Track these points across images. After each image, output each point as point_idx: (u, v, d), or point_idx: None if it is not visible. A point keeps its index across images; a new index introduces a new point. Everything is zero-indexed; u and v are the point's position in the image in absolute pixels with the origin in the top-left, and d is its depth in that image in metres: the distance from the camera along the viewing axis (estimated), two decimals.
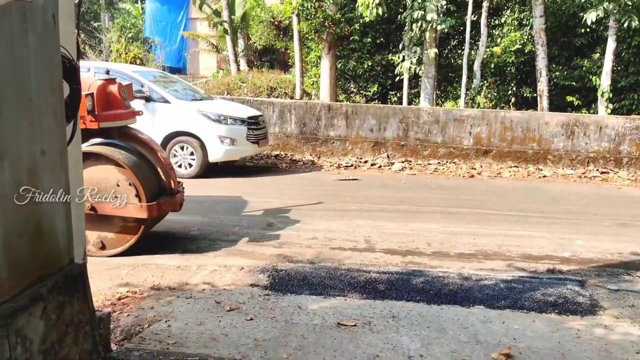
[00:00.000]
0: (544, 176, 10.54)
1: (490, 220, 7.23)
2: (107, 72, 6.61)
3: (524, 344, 4.04)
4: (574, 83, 14.54)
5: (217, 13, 8.78)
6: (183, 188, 6.21)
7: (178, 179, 6.24)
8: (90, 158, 5.53)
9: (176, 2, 25.49)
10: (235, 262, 5.49)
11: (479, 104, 13.47)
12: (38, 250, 2.87)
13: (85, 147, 5.76)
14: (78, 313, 3.19)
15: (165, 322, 4.15)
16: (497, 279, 5.29)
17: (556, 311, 4.69)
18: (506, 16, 15.15)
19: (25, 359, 2.74)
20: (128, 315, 4.48)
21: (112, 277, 5.28)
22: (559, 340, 4.12)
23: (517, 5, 14.83)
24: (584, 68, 14.33)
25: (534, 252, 6.06)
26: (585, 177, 10.47)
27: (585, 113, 13.70)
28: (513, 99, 16.56)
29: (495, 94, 17.07)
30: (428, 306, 4.67)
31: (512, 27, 14.81)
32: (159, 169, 5.94)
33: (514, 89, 16.16)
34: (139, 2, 28.97)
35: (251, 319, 4.19)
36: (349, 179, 9.90)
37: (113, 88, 5.82)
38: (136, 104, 8.13)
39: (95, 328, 3.38)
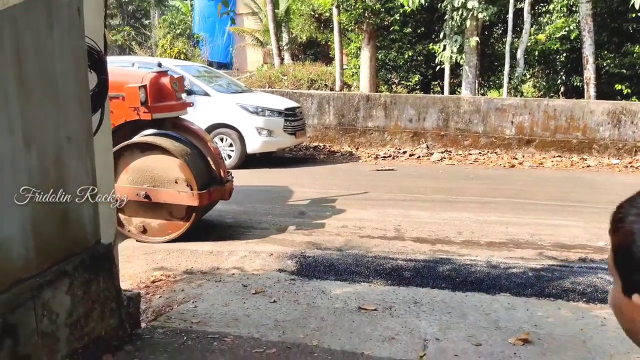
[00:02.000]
0: (588, 166, 10.27)
1: (525, 210, 7.12)
2: (159, 65, 6.86)
3: (545, 331, 4.01)
4: (625, 70, 14.03)
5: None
6: (232, 177, 6.37)
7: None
8: (145, 148, 5.77)
9: None
10: (266, 249, 5.63)
11: (522, 92, 13.19)
12: (64, 232, 3.06)
13: (139, 137, 6.03)
14: (104, 290, 3.39)
15: (193, 303, 4.33)
16: (526, 267, 5.24)
17: (584, 299, 4.62)
18: (555, 2, 14.74)
19: (51, 330, 2.94)
20: (160, 297, 4.69)
21: (149, 261, 5.50)
22: (581, 328, 4.08)
23: None
24: (634, 55, 13.81)
25: (567, 241, 5.95)
26: (631, 166, 10.14)
27: (636, 101, 13.21)
28: (562, 88, 16.12)
29: (545, 83, 16.66)
30: (452, 293, 4.68)
31: (561, 14, 14.39)
32: (209, 159, 6.12)
33: (563, 77, 15.72)
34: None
35: (274, 301, 4.32)
36: (385, 169, 9.91)
37: (165, 80, 6.00)
38: None
39: (122, 305, 3.57)
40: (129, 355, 3.29)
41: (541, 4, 15.32)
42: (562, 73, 15.87)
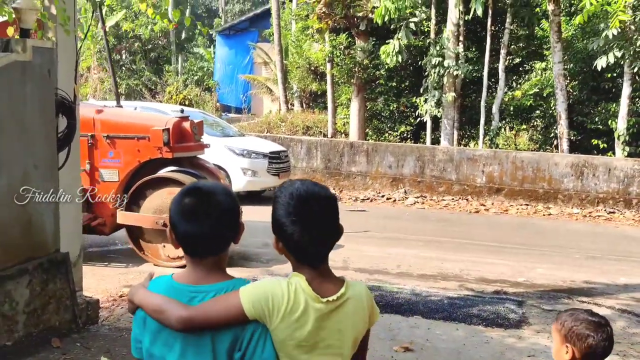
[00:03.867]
0: (550, 214, 10.96)
1: (466, 249, 7.86)
2: (182, 111, 7.96)
3: (432, 344, 4.75)
4: (600, 126, 14.80)
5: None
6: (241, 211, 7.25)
7: None
8: (165, 182, 6.62)
9: (242, 47, 27.54)
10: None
11: (497, 145, 14.02)
12: (27, 238, 3.95)
13: (162, 173, 6.91)
14: (60, 289, 4.24)
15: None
16: (443, 296, 5.97)
17: (484, 324, 5.33)
18: (529, 64, 15.75)
19: (11, 314, 3.79)
20: (122, 307, 5.51)
21: (121, 280, 6.34)
22: (464, 343, 4.80)
23: (536, 57, 15.42)
24: (610, 111, 14.60)
25: (491, 277, 6.67)
26: (590, 216, 10.81)
27: (611, 156, 13.94)
28: (555, 142, 16.87)
29: (540, 137, 17.48)
30: None
31: (538, 72, 15.34)
32: None
33: (555, 132, 16.48)
34: (211, 47, 31.30)
35: None
36: (357, 210, 10.72)
37: (186, 125, 6.92)
38: None
39: (76, 304, 4.41)
40: (74, 340, 4.11)
41: (523, 64, 16.27)
42: (554, 127, 16.67)
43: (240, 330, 1.59)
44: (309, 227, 1.64)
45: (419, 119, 15.73)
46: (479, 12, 12.20)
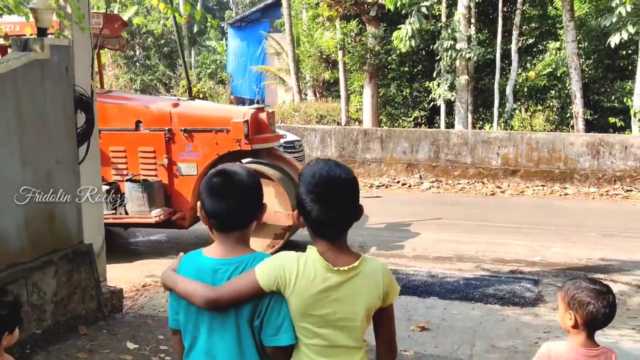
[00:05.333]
0: (566, 194, 10.93)
1: (482, 231, 7.89)
2: (258, 102, 7.96)
3: (448, 323, 4.83)
4: (616, 104, 14.67)
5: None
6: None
7: None
8: None
9: (255, 38, 27.58)
10: None
11: (512, 126, 13.97)
12: (52, 231, 4.09)
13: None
14: (85, 279, 4.39)
15: (166, 300, 5.29)
16: (459, 277, 6.04)
17: (500, 303, 5.40)
18: (543, 44, 15.60)
19: (39, 304, 3.94)
20: (145, 297, 5.68)
21: (143, 270, 6.51)
22: (480, 322, 4.87)
23: (549, 36, 15.27)
24: (626, 89, 14.46)
25: (507, 257, 6.72)
26: (607, 195, 10.75)
27: (628, 134, 13.81)
28: (572, 122, 16.74)
29: (557, 117, 17.36)
30: None
31: (552, 52, 15.21)
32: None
33: (571, 112, 16.36)
34: (224, 39, 31.40)
35: None
36: (372, 197, 10.79)
37: (263, 116, 6.88)
38: None
39: (100, 293, 4.57)
40: (100, 327, 4.27)
41: (537, 44, 16.13)
42: (570, 107, 16.54)
43: (259, 300, 1.74)
44: (327, 206, 1.73)
45: (432, 104, 15.71)
46: None
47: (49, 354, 3.77)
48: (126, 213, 6.73)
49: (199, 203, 1.86)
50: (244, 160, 6.93)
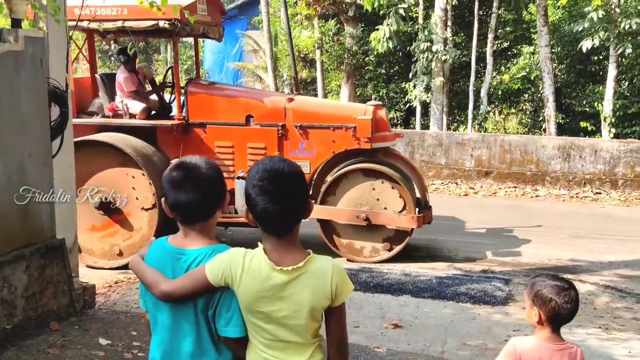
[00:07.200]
0: (537, 196, 11.14)
1: (455, 232, 8.00)
2: (376, 99, 7.66)
3: (420, 320, 4.90)
4: (588, 109, 14.98)
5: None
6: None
7: None
8: (368, 173, 6.35)
9: (231, 35, 27.37)
10: None
11: (485, 128, 14.18)
12: (24, 225, 4.04)
13: (362, 164, 6.46)
14: (57, 275, 4.34)
15: (139, 296, 5.26)
16: (432, 276, 6.12)
17: (471, 301, 5.49)
18: (517, 48, 15.88)
19: (10, 299, 3.89)
20: (117, 293, 5.65)
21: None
22: (452, 320, 4.95)
23: (524, 41, 15.56)
24: (597, 94, 14.77)
25: (478, 257, 6.83)
26: (577, 197, 10.99)
27: (598, 138, 14.12)
28: (544, 125, 17.04)
29: (530, 120, 17.65)
30: (362, 293, 5.56)
31: (526, 56, 15.47)
32: (416, 185, 6.75)
33: (543, 115, 16.65)
34: None
35: None
36: None
37: (382, 113, 6.66)
38: None
39: (73, 289, 4.51)
40: (72, 323, 4.22)
41: (511, 48, 16.39)
42: (542, 111, 16.84)
43: (211, 294, 1.84)
44: (270, 200, 1.74)
45: (408, 105, 15.85)
46: None
47: (19, 349, 3.71)
48: (235, 212, 6.26)
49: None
50: (359, 159, 6.58)
